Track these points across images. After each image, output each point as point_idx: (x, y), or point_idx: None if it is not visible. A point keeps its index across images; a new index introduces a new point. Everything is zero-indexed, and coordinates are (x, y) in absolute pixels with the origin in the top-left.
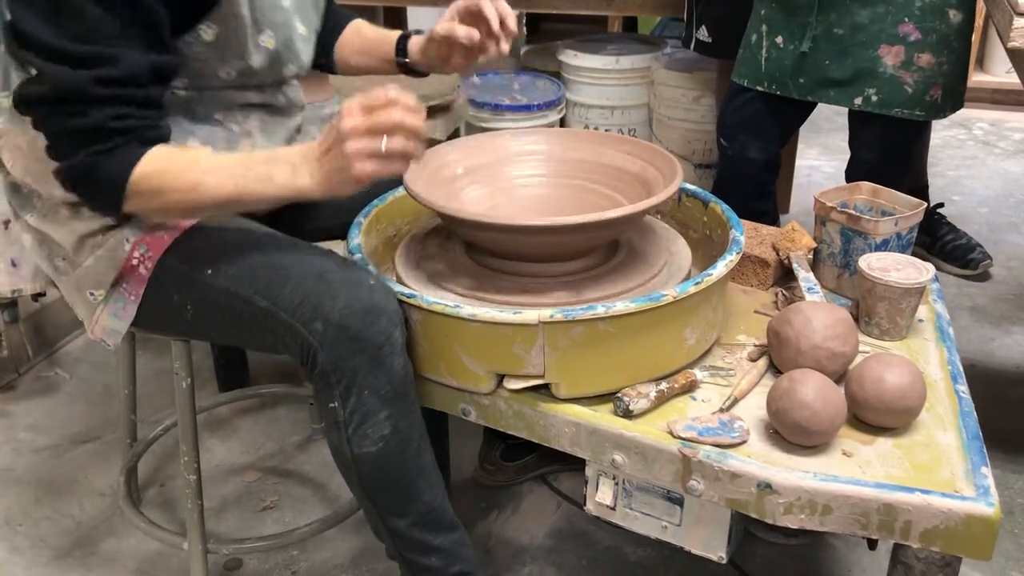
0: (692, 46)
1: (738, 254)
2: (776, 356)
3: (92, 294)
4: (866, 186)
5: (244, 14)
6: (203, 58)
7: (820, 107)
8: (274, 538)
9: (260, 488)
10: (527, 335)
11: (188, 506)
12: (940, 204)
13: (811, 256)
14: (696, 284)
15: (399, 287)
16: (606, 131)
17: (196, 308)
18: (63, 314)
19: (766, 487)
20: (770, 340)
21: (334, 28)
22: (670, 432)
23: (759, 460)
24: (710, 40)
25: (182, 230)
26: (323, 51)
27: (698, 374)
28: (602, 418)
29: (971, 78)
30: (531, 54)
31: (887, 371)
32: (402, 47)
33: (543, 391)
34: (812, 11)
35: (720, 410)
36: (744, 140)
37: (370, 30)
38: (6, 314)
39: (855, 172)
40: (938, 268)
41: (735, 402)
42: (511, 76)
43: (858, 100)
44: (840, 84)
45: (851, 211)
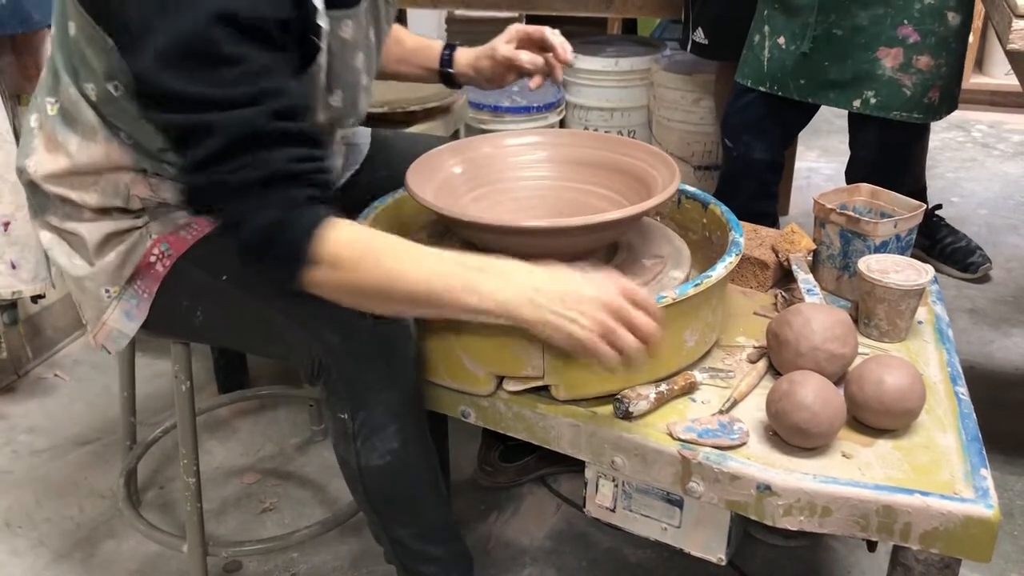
0: (689, 48)
1: (737, 256)
2: (775, 358)
3: (107, 291)
4: (865, 188)
5: (320, 77)
6: None
7: (820, 109)
8: (274, 540)
9: (260, 490)
10: (526, 337)
11: (187, 508)
12: (939, 206)
13: (810, 258)
14: (695, 286)
15: None
16: (605, 133)
17: (206, 314)
18: (62, 316)
19: (766, 489)
20: (769, 342)
21: None
22: (670, 434)
23: (759, 462)
24: (706, 42)
25: (204, 234)
26: None
27: (698, 376)
28: (602, 420)
29: (970, 80)
30: None
31: (886, 373)
32: (447, 58)
33: (543, 393)
34: (813, 12)
35: (720, 412)
36: (748, 140)
37: (409, 39)
38: (5, 316)
39: (854, 174)
40: (937, 271)
41: (735, 404)
42: None
43: (857, 102)
44: (839, 86)
45: (850, 213)
